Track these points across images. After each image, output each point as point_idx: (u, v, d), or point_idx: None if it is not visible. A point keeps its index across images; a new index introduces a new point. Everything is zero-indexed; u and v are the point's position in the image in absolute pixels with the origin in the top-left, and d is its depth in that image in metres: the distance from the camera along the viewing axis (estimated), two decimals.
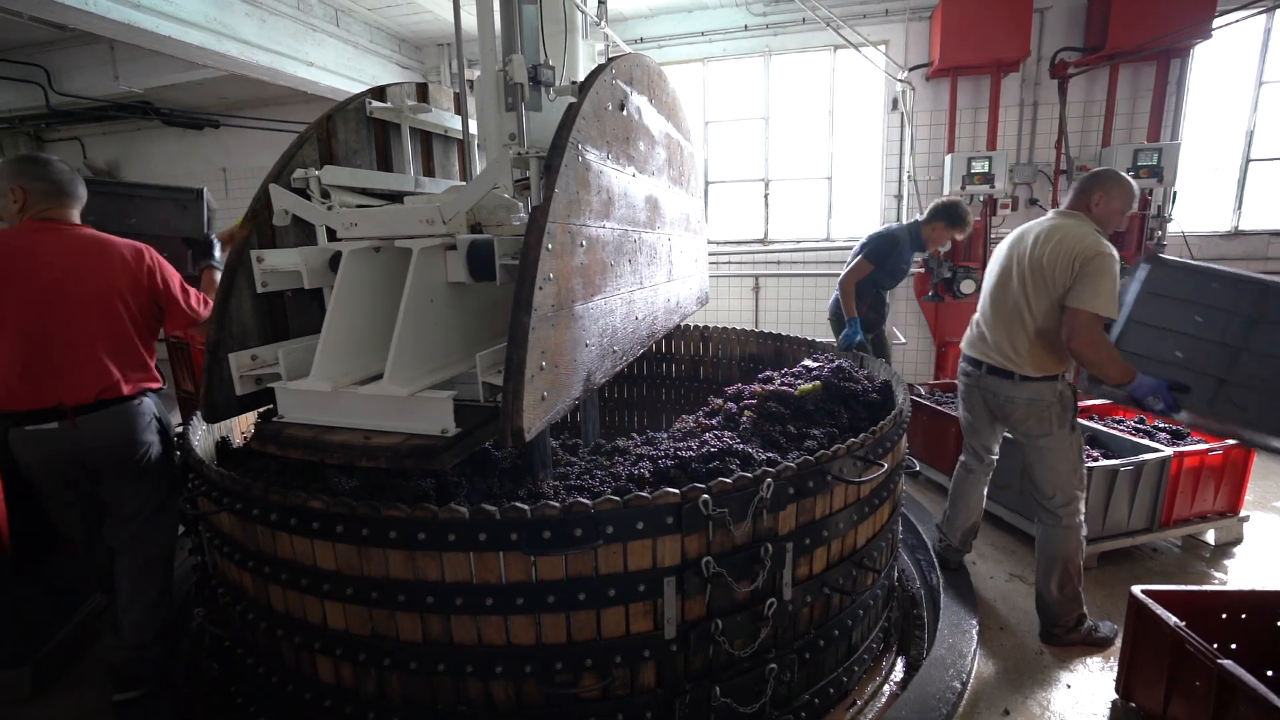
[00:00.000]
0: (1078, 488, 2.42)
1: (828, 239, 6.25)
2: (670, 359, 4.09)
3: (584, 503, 1.54)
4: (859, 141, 6.12)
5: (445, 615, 1.61)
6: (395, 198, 2.26)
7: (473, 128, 2.42)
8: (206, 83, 5.90)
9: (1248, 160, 5.18)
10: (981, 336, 2.56)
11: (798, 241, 6.33)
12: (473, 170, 2.41)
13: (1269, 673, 1.93)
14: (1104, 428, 3.41)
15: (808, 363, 3.02)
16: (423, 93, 2.42)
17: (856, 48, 5.08)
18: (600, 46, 2.73)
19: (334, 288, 1.80)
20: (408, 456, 1.57)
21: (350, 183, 2.06)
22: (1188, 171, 5.27)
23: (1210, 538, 3.20)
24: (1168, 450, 3.01)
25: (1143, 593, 2.04)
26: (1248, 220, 5.26)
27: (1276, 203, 5.27)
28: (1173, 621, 1.88)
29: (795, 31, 5.80)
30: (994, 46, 5.02)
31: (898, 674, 2.32)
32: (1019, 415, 2.44)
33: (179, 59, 4.62)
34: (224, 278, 1.87)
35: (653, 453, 2.21)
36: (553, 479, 2.12)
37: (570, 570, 1.58)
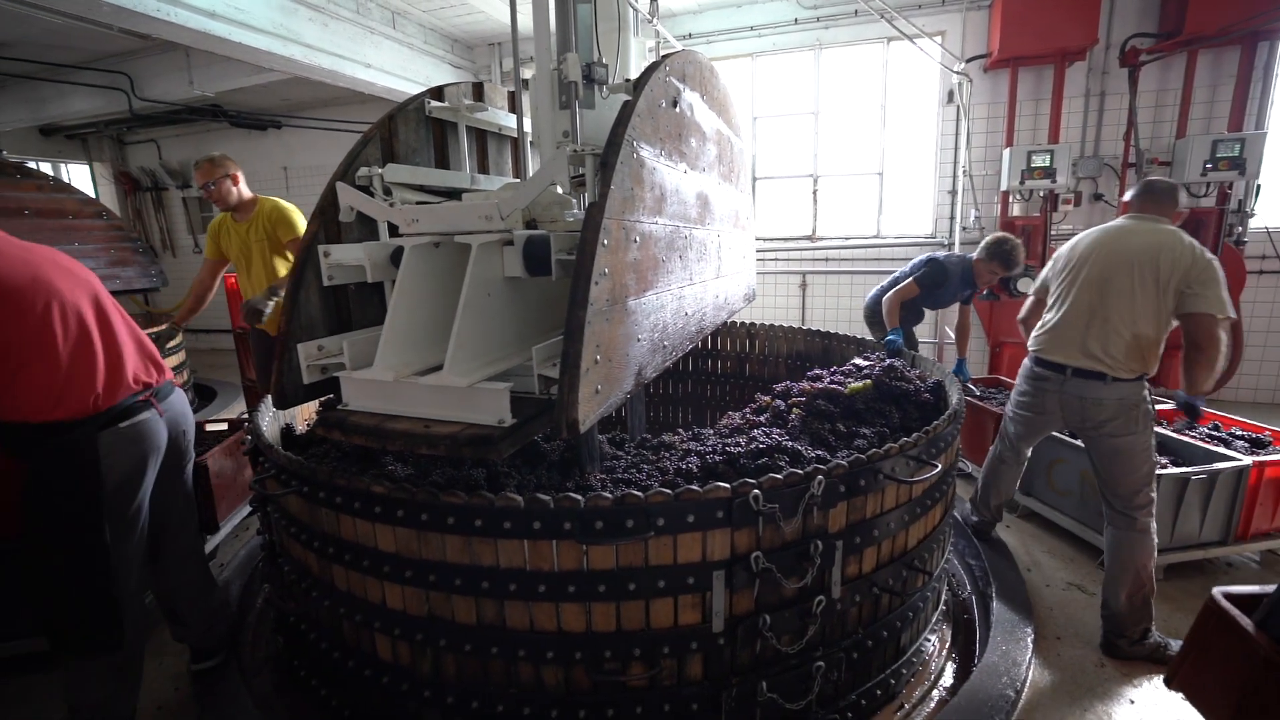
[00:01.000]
0: (1154, 490, 2.41)
1: (877, 235, 6.11)
2: (716, 355, 4.07)
3: (636, 494, 1.57)
4: (911, 136, 5.95)
5: (499, 600, 1.66)
6: (452, 194, 2.32)
7: (526, 125, 2.46)
8: (271, 85, 6.20)
9: None
10: (1064, 340, 2.53)
11: (846, 238, 6.22)
12: (526, 167, 2.45)
13: None
14: (1172, 433, 3.23)
15: (858, 361, 2.97)
16: (478, 92, 2.48)
17: (911, 39, 4.96)
18: (650, 43, 2.74)
19: (396, 281, 1.86)
20: (465, 445, 1.61)
21: (410, 180, 2.13)
22: (1273, 163, 4.93)
23: None
24: (1246, 459, 2.84)
25: (1224, 596, 1.77)
26: None
27: None
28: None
29: (847, 24, 5.69)
30: (1059, 35, 4.81)
31: (947, 679, 2.26)
32: (1106, 415, 2.41)
33: (247, 63, 4.87)
34: (293, 271, 1.96)
35: (700, 448, 2.22)
36: (600, 472, 2.16)
37: (621, 561, 1.61)
